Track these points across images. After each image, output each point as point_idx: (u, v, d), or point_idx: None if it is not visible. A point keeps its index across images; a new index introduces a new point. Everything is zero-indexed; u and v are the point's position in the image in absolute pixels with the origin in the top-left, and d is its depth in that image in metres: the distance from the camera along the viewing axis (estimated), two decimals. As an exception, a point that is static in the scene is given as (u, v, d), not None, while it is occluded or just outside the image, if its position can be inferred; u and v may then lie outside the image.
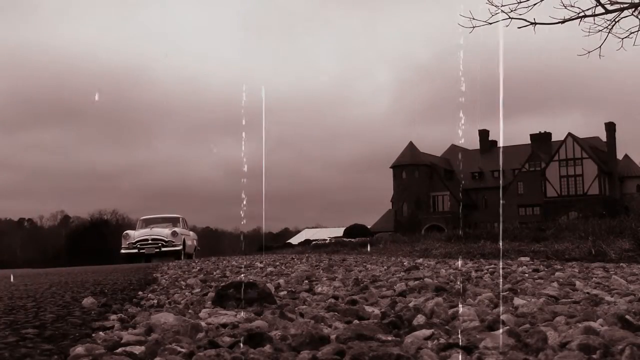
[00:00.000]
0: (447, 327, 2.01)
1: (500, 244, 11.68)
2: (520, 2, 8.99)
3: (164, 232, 21.94)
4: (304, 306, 2.78)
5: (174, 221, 23.67)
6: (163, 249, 21.53)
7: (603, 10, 8.96)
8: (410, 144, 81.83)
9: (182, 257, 21.53)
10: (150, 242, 21.59)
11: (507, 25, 9.10)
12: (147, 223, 23.30)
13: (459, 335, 1.76)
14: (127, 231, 22.80)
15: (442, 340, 1.70)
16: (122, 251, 21.73)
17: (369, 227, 79.57)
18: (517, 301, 2.57)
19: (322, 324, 2.16)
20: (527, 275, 4.59)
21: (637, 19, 8.99)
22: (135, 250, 21.53)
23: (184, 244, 22.25)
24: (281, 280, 4.40)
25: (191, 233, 25.08)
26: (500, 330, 1.77)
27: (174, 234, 21.77)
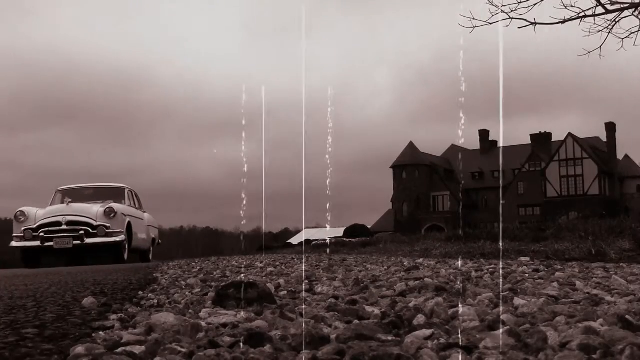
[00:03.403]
0: (447, 327, 2.00)
1: (501, 243, 11.68)
2: (521, 2, 8.99)
3: (91, 210, 12.74)
4: (304, 306, 2.78)
5: (114, 194, 14.10)
6: (88, 240, 12.36)
7: (603, 11, 8.97)
8: (410, 144, 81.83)
9: (126, 256, 13.11)
10: (64, 227, 12.44)
11: (507, 26, 9.11)
12: (67, 197, 13.52)
13: (459, 335, 1.76)
14: (24, 208, 12.91)
15: (442, 340, 1.70)
16: (14, 243, 12.64)
17: (369, 227, 79.55)
18: (517, 301, 2.57)
19: (322, 324, 2.15)
20: (527, 275, 4.59)
21: (637, 19, 8.99)
22: (37, 243, 12.34)
23: (129, 233, 13.32)
24: (281, 280, 4.40)
25: (146, 216, 15.65)
26: (500, 330, 1.77)
27: (110, 213, 12.66)
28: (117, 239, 12.71)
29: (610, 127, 75.72)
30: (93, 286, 4.21)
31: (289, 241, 78.11)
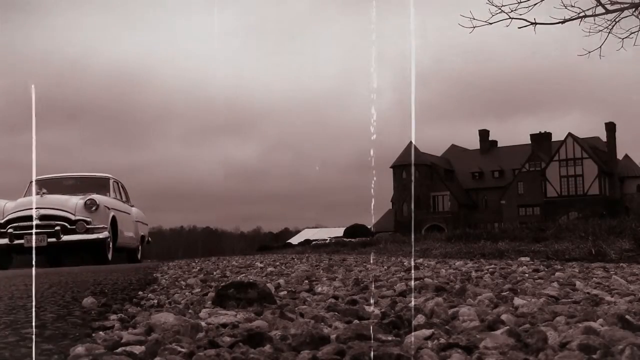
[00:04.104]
0: (447, 327, 2.00)
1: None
2: (521, 2, 9.00)
3: (69, 202, 10.94)
4: (304, 306, 2.78)
5: (97, 185, 12.30)
6: (65, 237, 10.63)
7: (603, 11, 8.98)
8: (410, 144, 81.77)
9: (110, 256, 11.41)
10: (37, 223, 10.75)
11: (507, 26, 9.12)
12: (43, 187, 11.50)
13: (459, 335, 1.76)
14: None
15: (442, 340, 1.70)
16: None
17: (369, 227, 79.52)
18: (517, 301, 2.57)
19: (322, 323, 2.15)
20: (527, 275, 4.58)
21: (637, 19, 9.00)
22: (5, 241, 10.58)
23: (113, 229, 11.64)
24: (281, 280, 4.40)
25: (134, 211, 13.82)
26: (500, 330, 1.77)
27: (91, 205, 10.91)
28: (100, 235, 10.98)
29: (610, 127, 75.71)
30: (93, 286, 4.21)
31: (288, 241, 78.12)
